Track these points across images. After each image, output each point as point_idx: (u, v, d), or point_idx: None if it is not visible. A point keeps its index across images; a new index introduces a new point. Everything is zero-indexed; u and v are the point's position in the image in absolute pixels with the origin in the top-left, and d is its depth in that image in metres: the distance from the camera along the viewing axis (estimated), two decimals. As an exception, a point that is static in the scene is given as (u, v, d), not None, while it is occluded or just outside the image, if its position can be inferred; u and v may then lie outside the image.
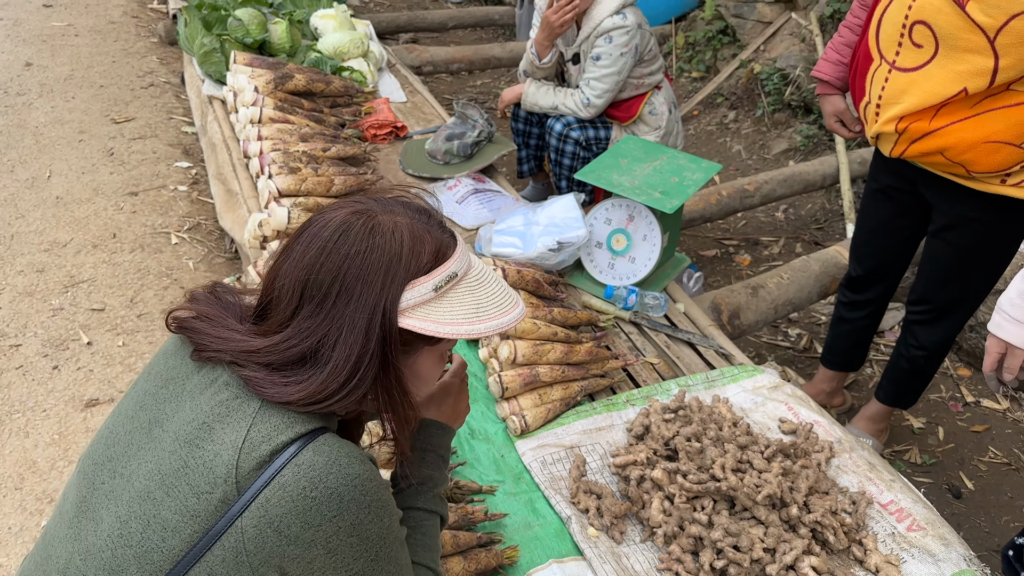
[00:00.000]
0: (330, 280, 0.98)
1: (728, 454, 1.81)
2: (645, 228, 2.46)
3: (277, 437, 0.94)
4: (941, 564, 1.74)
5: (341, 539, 0.94)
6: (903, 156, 1.98)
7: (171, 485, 0.95)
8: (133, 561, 0.95)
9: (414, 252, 1.01)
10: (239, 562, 0.92)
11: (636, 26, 3.01)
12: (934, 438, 2.67)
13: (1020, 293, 1.57)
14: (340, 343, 0.97)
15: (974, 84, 1.77)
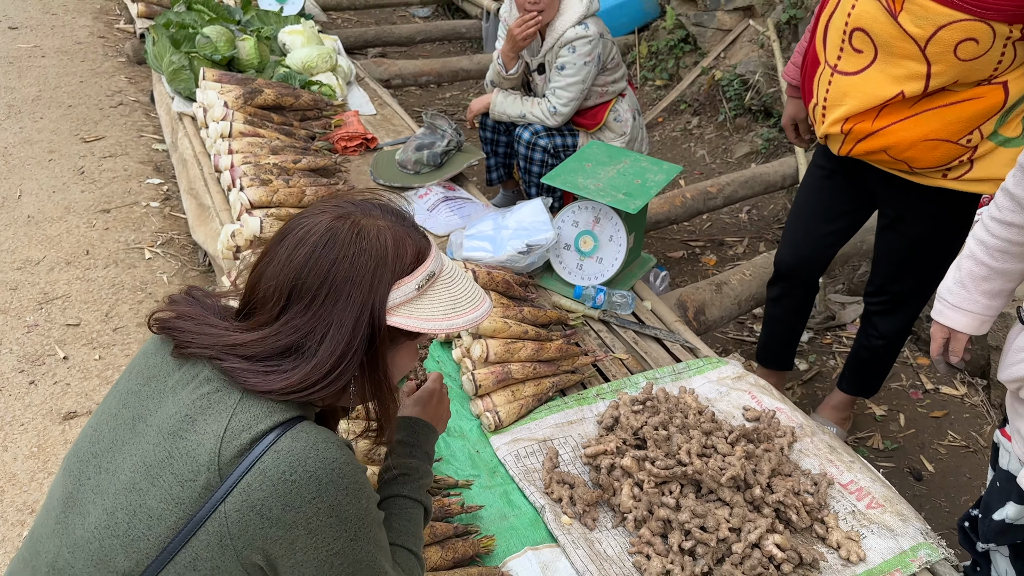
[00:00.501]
0: (319, 282, 1.03)
1: (693, 440, 1.88)
2: (611, 229, 2.54)
3: (257, 425, 0.99)
4: (899, 538, 1.82)
5: (321, 520, 0.98)
6: (851, 155, 2.07)
7: (156, 475, 0.99)
8: (120, 550, 0.99)
9: (398, 254, 1.07)
10: (223, 546, 0.97)
11: (598, 36, 3.09)
12: (895, 424, 2.77)
13: (957, 281, 1.66)
14: (328, 339, 1.02)
15: (910, 88, 1.87)
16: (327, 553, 1.00)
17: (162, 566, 0.97)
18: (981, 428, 2.73)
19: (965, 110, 1.87)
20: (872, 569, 1.76)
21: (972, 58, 1.78)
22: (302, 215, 1.11)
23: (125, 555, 0.98)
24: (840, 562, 1.77)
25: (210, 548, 0.97)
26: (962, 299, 1.65)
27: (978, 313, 1.64)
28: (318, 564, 0.99)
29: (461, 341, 2.24)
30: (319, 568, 0.99)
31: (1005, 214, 1.55)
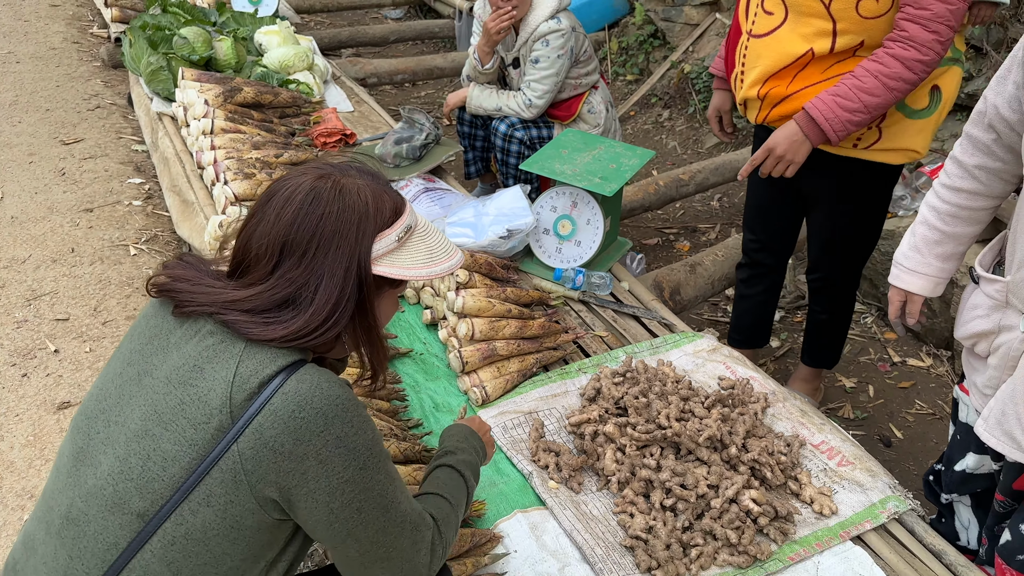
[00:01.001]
0: (308, 237, 1.11)
1: (672, 405, 1.97)
2: (588, 213, 2.63)
3: (263, 370, 1.06)
4: (869, 492, 1.93)
5: (330, 450, 1.06)
6: (767, 121, 2.17)
7: (168, 421, 1.06)
8: (135, 492, 1.05)
9: (378, 208, 1.16)
10: (237, 481, 1.04)
11: (571, 29, 3.18)
12: (865, 395, 2.88)
13: (911, 246, 1.77)
14: (322, 289, 1.11)
15: (819, 45, 1.98)
16: (338, 481, 1.07)
17: (177, 504, 1.04)
18: (947, 396, 2.85)
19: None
20: (844, 521, 1.86)
21: (873, 16, 1.91)
22: (285, 178, 1.18)
23: (140, 496, 1.05)
24: (813, 515, 1.87)
25: (224, 484, 1.04)
26: (917, 263, 1.75)
27: (932, 276, 1.75)
28: (330, 491, 1.06)
29: (447, 322, 2.32)
30: (331, 495, 1.06)
31: (954, 180, 1.66)
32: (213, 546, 1.06)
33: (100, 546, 1.06)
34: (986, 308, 1.62)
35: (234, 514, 1.05)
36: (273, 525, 1.10)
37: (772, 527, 1.79)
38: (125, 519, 1.05)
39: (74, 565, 1.07)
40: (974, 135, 1.59)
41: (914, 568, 1.78)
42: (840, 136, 2.00)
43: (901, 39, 1.89)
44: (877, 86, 1.92)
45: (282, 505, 1.07)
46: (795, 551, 1.78)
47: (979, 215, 1.67)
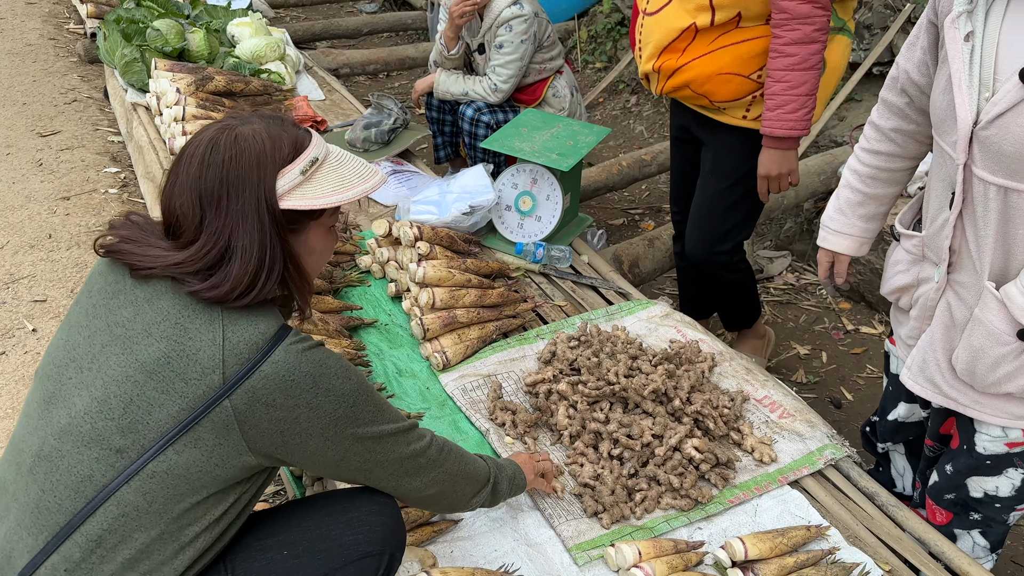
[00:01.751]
0: (216, 187, 1.17)
1: (620, 363, 2.08)
2: (548, 189, 2.73)
3: (252, 339, 1.15)
4: (807, 441, 2.04)
5: (320, 399, 1.16)
6: (665, 93, 2.31)
7: (153, 371, 1.13)
8: (115, 431, 1.13)
9: (276, 147, 1.21)
10: (229, 429, 1.13)
11: (533, 15, 3.27)
12: (818, 361, 3.00)
13: (836, 209, 1.87)
14: (241, 234, 1.17)
15: (700, 19, 2.12)
16: (331, 419, 1.18)
17: (163, 448, 1.12)
18: (896, 361, 2.98)
19: (754, 47, 2.13)
20: (782, 467, 1.97)
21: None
22: (190, 138, 1.25)
23: (121, 434, 1.13)
24: (754, 463, 1.98)
25: (215, 431, 1.13)
26: (842, 224, 1.86)
27: (856, 236, 1.85)
28: (323, 428, 1.17)
29: (410, 293, 2.42)
30: (325, 430, 1.18)
31: (872, 144, 1.76)
32: (193, 480, 1.14)
33: (73, 478, 1.13)
34: (906, 263, 1.73)
35: (221, 455, 1.14)
36: (254, 467, 1.19)
37: (713, 473, 1.90)
38: (102, 453, 1.13)
39: (46, 498, 1.14)
40: (889, 99, 1.70)
41: (848, 509, 1.90)
42: (806, 127, 2.14)
43: (785, 22, 2.03)
44: (799, 76, 2.07)
45: (273, 453, 1.17)
46: (735, 495, 1.89)
47: (897, 176, 1.77)
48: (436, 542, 1.75)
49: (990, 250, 1.45)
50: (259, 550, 1.30)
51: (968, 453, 1.70)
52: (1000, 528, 1.79)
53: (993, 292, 1.46)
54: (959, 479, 1.74)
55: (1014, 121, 1.31)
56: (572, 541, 1.74)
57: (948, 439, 1.85)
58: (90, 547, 1.13)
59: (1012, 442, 1.62)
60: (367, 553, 1.35)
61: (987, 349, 1.49)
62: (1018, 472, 1.67)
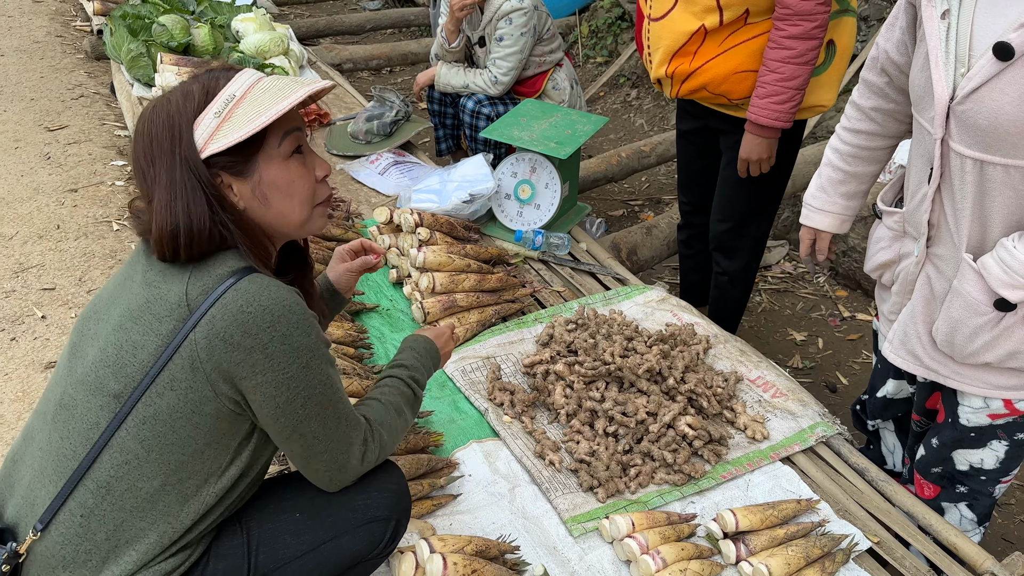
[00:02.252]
0: (142, 155, 1.20)
1: (616, 343, 2.13)
2: (546, 177, 2.78)
3: (216, 271, 1.20)
4: (799, 419, 2.08)
5: (275, 346, 1.18)
6: (680, 96, 2.32)
7: (138, 316, 1.20)
8: (111, 376, 1.20)
9: (185, 101, 1.20)
10: (195, 368, 1.18)
11: (532, 8, 3.32)
12: (815, 347, 3.04)
13: (818, 187, 1.92)
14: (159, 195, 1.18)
15: (709, 21, 2.13)
16: (283, 376, 1.19)
17: (146, 388, 1.18)
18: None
19: (765, 42, 2.13)
20: (775, 444, 2.01)
21: None
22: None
23: (115, 379, 1.19)
24: (747, 440, 2.02)
25: (184, 370, 1.18)
26: (823, 202, 1.90)
27: (837, 213, 1.90)
28: (276, 385, 1.19)
29: (411, 278, 2.47)
30: (277, 388, 1.20)
31: (853, 123, 1.80)
32: (178, 428, 1.20)
33: (84, 425, 1.21)
34: (888, 239, 1.77)
35: (194, 399, 1.19)
36: (230, 415, 1.22)
37: (706, 449, 1.95)
38: (104, 400, 1.20)
39: (64, 445, 1.22)
40: (869, 79, 1.74)
41: (838, 484, 1.94)
42: (790, 119, 2.17)
43: (787, 16, 2.04)
44: (793, 69, 2.09)
45: (235, 397, 1.21)
46: (727, 470, 1.93)
47: (878, 155, 1.81)
48: (436, 515, 1.80)
49: (967, 223, 1.49)
50: (273, 512, 1.36)
51: (953, 426, 1.74)
52: (986, 501, 1.83)
53: (971, 264, 1.50)
54: (945, 452, 1.78)
55: (988, 96, 1.35)
56: (568, 514, 1.79)
57: (934, 414, 1.89)
58: (100, 493, 1.20)
59: (994, 413, 1.66)
60: (375, 518, 1.40)
61: (965, 320, 1.53)
62: (1002, 444, 1.71)
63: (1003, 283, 1.46)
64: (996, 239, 1.48)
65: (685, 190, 2.69)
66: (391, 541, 1.45)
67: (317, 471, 1.31)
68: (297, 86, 1.22)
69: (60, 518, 1.20)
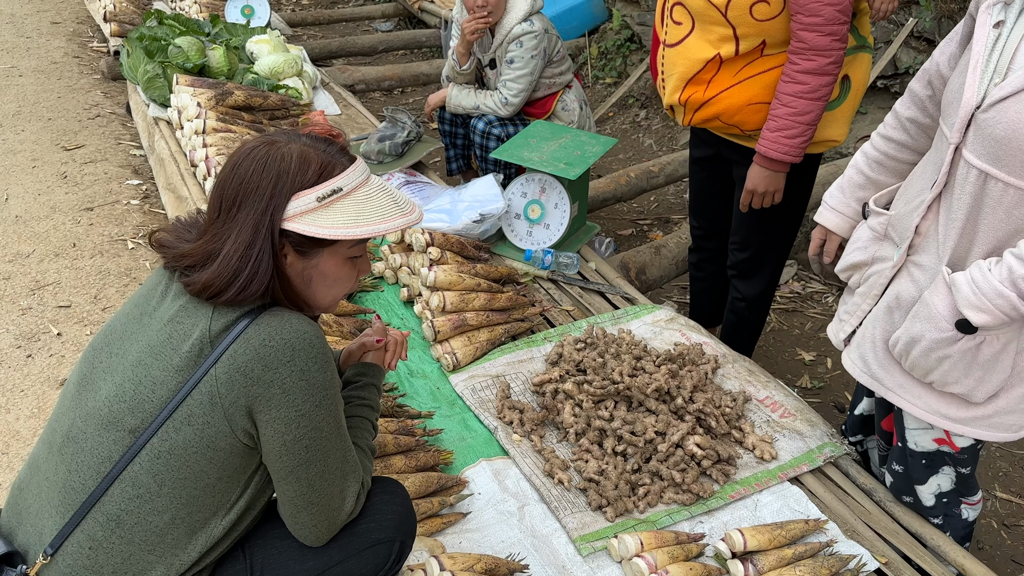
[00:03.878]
0: (234, 194, 1.24)
1: (625, 363, 2.14)
2: (556, 197, 2.81)
3: (239, 309, 1.23)
4: (807, 440, 2.09)
5: (293, 381, 1.21)
6: (692, 124, 2.32)
7: (159, 352, 1.23)
8: (127, 412, 1.22)
9: (300, 169, 1.25)
10: (214, 404, 1.20)
11: (543, 31, 3.36)
12: (823, 367, 3.04)
13: (838, 187, 1.93)
14: (230, 239, 1.22)
15: (724, 50, 2.12)
16: (295, 413, 1.22)
17: (163, 422, 1.20)
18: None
19: (780, 74, 2.11)
20: (783, 464, 2.02)
21: (768, 18, 2.04)
22: (242, 143, 1.31)
23: (132, 415, 1.21)
24: (755, 460, 2.03)
25: (202, 406, 1.20)
26: (838, 201, 1.92)
27: (849, 216, 1.91)
28: (287, 422, 1.21)
29: (422, 297, 2.49)
30: (287, 425, 1.22)
31: (888, 130, 1.82)
32: (192, 462, 1.22)
33: (95, 459, 1.22)
34: (865, 240, 1.78)
35: (210, 435, 1.21)
36: (243, 451, 1.24)
37: (715, 469, 1.96)
38: (118, 435, 1.22)
39: (72, 478, 1.23)
40: (914, 89, 1.74)
41: (846, 504, 1.95)
42: (800, 154, 2.14)
43: (802, 51, 2.02)
44: (806, 104, 2.07)
45: (250, 431, 1.23)
46: (736, 490, 1.94)
47: (901, 168, 1.81)
48: (445, 533, 1.81)
49: (956, 235, 1.51)
50: (277, 538, 1.37)
51: (903, 451, 1.75)
52: (958, 522, 1.83)
53: (945, 276, 1.51)
54: (907, 486, 1.80)
55: (1013, 107, 1.37)
56: (577, 533, 1.80)
57: (891, 436, 1.90)
58: (110, 526, 1.22)
59: (939, 438, 1.68)
60: (379, 540, 1.41)
61: (926, 332, 1.54)
62: (952, 470, 1.73)
63: (969, 303, 1.46)
64: (976, 258, 1.50)
65: (696, 215, 2.69)
66: (396, 562, 1.45)
67: (304, 524, 1.31)
68: (397, 210, 1.29)
69: (68, 549, 1.22)
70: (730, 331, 2.69)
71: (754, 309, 2.62)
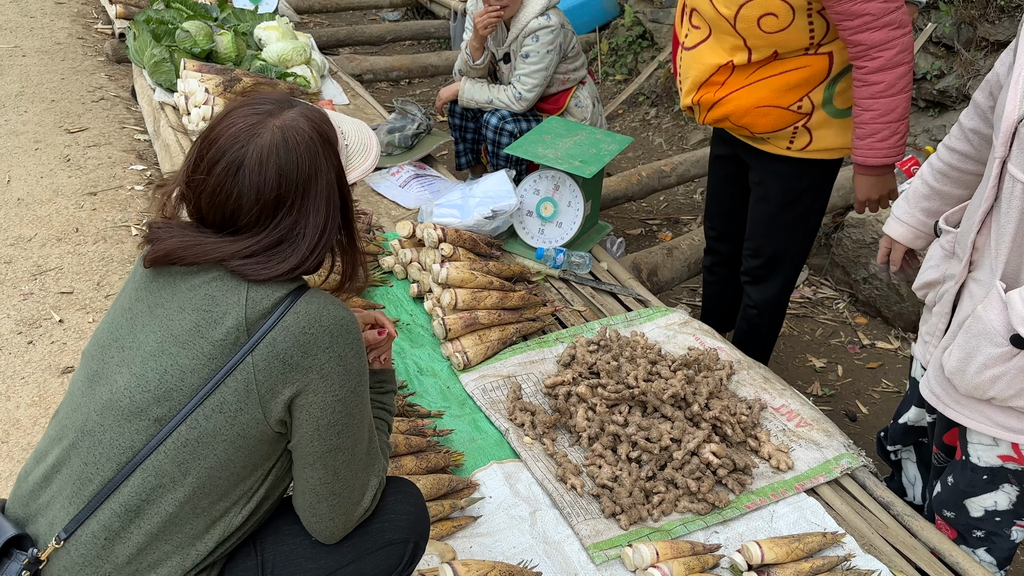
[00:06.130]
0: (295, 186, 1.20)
1: (640, 367, 2.10)
2: (569, 195, 2.76)
3: (274, 294, 1.19)
4: (824, 450, 2.05)
5: (331, 367, 1.19)
6: (707, 123, 2.29)
7: (184, 341, 1.18)
8: (152, 402, 1.17)
9: (329, 127, 1.26)
10: (248, 391, 1.16)
11: (559, 26, 3.31)
12: (834, 375, 3.01)
13: (904, 197, 1.89)
14: (311, 224, 1.22)
15: (737, 58, 2.09)
16: (332, 399, 1.20)
17: (193, 409, 1.16)
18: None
19: (791, 78, 2.08)
20: (799, 475, 1.99)
21: (777, 31, 1.99)
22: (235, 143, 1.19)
23: (158, 404, 1.17)
24: (771, 470, 2.00)
25: (237, 393, 1.16)
26: (903, 212, 1.89)
27: (914, 227, 1.87)
28: (322, 407, 1.19)
29: (432, 293, 2.45)
30: (322, 410, 1.20)
31: (953, 141, 1.78)
32: (220, 451, 1.18)
33: (115, 450, 1.18)
34: (938, 259, 1.75)
35: (243, 422, 1.18)
36: (273, 439, 1.22)
37: (730, 478, 1.92)
38: (142, 424, 1.18)
39: (87, 469, 1.19)
40: (977, 99, 1.70)
41: (863, 517, 1.91)
42: (900, 152, 2.04)
43: (862, 53, 1.94)
44: (887, 103, 1.97)
45: (284, 419, 1.20)
46: (752, 500, 1.91)
47: (966, 179, 1.77)
48: (455, 537, 1.77)
49: (1006, 249, 1.48)
50: (289, 534, 1.34)
51: (965, 465, 1.72)
52: (1004, 543, 1.79)
53: (1000, 292, 1.48)
54: (959, 498, 1.76)
55: None
56: (590, 540, 1.77)
57: (953, 450, 1.86)
58: (128, 516, 1.18)
59: (1004, 455, 1.64)
60: (392, 541, 1.38)
61: (980, 348, 1.51)
62: (1014, 488, 1.69)
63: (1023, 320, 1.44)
64: None
65: (711, 216, 2.65)
66: (409, 564, 1.42)
67: (322, 516, 1.28)
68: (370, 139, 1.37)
69: (81, 537, 1.18)
70: (742, 338, 2.64)
71: (766, 317, 2.57)
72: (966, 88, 3.59)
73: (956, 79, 3.63)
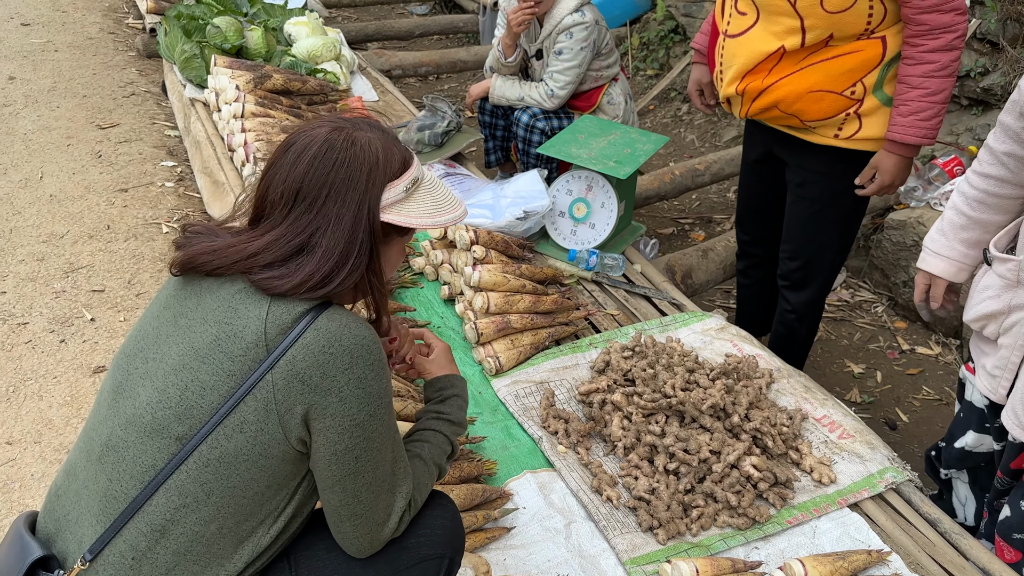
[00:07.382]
0: (320, 184, 1.19)
1: (678, 376, 2.05)
2: (603, 196, 2.71)
3: (295, 309, 1.16)
4: (868, 463, 1.99)
5: (350, 389, 1.15)
6: (749, 115, 2.23)
7: (206, 355, 1.16)
8: (173, 419, 1.15)
9: (388, 160, 1.24)
10: (268, 410, 1.13)
11: (594, 22, 3.26)
12: (872, 381, 2.94)
13: (938, 230, 1.82)
14: (328, 233, 1.19)
15: (789, 42, 2.03)
16: (350, 423, 1.16)
17: (213, 428, 1.13)
18: (954, 383, 2.90)
19: (846, 62, 2.03)
20: (842, 489, 1.93)
21: (839, 10, 1.95)
22: (300, 130, 1.26)
23: (179, 422, 1.15)
24: (813, 483, 1.94)
25: (256, 412, 1.13)
26: (941, 246, 1.81)
27: (955, 260, 1.80)
28: (340, 431, 1.16)
29: (464, 296, 2.41)
30: (340, 434, 1.16)
31: (984, 167, 1.71)
32: (243, 471, 1.15)
33: (138, 468, 1.16)
34: (997, 288, 1.67)
35: (263, 442, 1.15)
36: (296, 458, 1.19)
37: (772, 492, 1.87)
38: (164, 443, 1.15)
39: (113, 486, 1.17)
40: (1006, 122, 1.63)
41: (909, 535, 1.85)
42: (934, 137, 2.05)
43: (923, 32, 1.94)
44: (938, 83, 1.98)
45: (304, 439, 1.16)
46: (793, 515, 1.85)
47: (1006, 204, 1.70)
48: (488, 549, 1.74)
49: None
50: (323, 549, 1.31)
51: None
52: None
53: None
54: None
55: None
56: (627, 555, 1.72)
57: (1020, 474, 1.79)
58: (154, 536, 1.16)
59: None
60: (428, 556, 1.35)
61: None
62: None
63: None
64: None
65: (743, 220, 2.59)
66: None
67: (346, 535, 1.25)
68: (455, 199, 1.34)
69: (108, 558, 1.16)
70: (779, 343, 2.58)
71: (804, 320, 2.51)
72: (1011, 86, 3.48)
73: (1001, 76, 3.52)
